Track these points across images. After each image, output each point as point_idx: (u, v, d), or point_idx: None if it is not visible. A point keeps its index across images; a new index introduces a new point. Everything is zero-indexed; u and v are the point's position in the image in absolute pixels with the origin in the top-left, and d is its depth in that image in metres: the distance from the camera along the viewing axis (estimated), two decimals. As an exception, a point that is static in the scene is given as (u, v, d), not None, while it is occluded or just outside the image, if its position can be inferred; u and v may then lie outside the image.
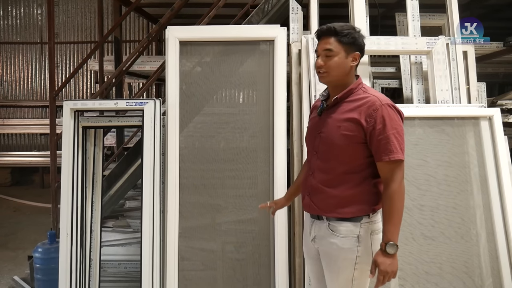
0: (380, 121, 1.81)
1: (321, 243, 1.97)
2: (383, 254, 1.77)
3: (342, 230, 1.89)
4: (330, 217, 1.92)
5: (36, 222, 5.67)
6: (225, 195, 3.01)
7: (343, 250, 1.88)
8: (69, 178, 2.87)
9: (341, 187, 1.90)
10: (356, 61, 1.93)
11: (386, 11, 5.13)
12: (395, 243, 1.76)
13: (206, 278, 2.97)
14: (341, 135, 1.87)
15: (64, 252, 2.82)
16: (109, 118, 3.08)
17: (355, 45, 1.90)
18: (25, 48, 9.26)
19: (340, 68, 1.90)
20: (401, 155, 1.80)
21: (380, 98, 1.86)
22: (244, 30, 3.15)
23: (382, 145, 1.81)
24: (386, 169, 1.82)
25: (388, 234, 1.78)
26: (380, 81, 3.85)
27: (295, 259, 2.91)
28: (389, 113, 1.82)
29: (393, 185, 1.80)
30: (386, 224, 1.80)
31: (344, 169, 1.90)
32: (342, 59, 1.90)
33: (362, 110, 1.85)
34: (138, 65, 5.03)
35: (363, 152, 1.87)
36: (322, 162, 1.96)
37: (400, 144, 1.81)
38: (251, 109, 3.09)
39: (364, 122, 1.83)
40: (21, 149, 9.07)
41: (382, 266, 1.76)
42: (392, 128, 1.80)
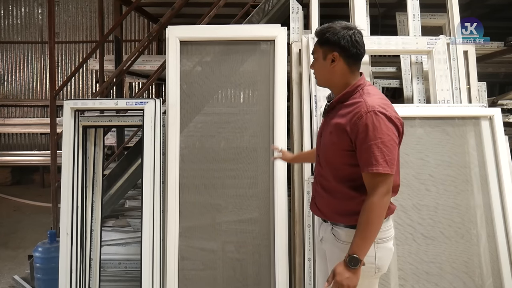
0: (363, 129, 1.69)
1: (327, 246, 1.95)
2: (344, 265, 1.69)
3: (343, 236, 1.84)
4: (333, 222, 1.90)
5: (37, 221, 5.67)
6: (225, 194, 3.00)
7: (341, 257, 1.80)
8: (69, 177, 2.87)
9: (337, 196, 1.86)
10: (336, 61, 1.81)
11: (386, 11, 5.13)
12: (358, 258, 1.67)
13: (206, 278, 2.97)
14: (331, 141, 1.83)
15: (64, 252, 2.82)
16: (110, 117, 3.08)
17: (330, 45, 1.81)
18: (25, 47, 9.26)
19: (321, 72, 1.86)
20: (382, 167, 1.66)
21: (368, 104, 1.72)
22: (244, 29, 3.15)
23: (363, 156, 1.70)
24: (367, 181, 1.72)
25: (354, 246, 1.69)
26: (380, 80, 3.86)
27: (295, 259, 2.91)
28: (373, 121, 1.68)
29: (372, 198, 1.68)
30: (356, 235, 1.70)
31: (337, 177, 1.84)
32: (320, 62, 1.85)
33: (349, 117, 1.75)
34: (138, 65, 5.02)
35: (351, 161, 1.77)
36: (321, 167, 1.94)
37: (385, 155, 1.67)
38: (251, 109, 3.09)
39: (349, 129, 1.74)
40: (21, 148, 9.06)
41: (338, 276, 1.68)
42: (374, 138, 1.67)
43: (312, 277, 2.80)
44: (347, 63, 1.83)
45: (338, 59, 1.81)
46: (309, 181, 2.87)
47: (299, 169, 2.96)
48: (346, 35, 1.80)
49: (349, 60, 1.83)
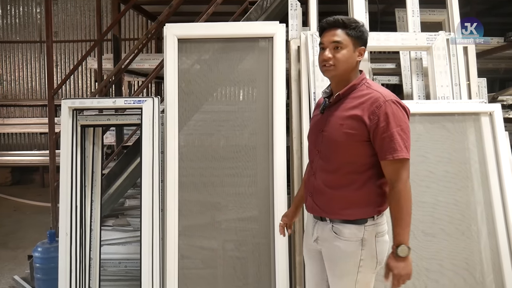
0: (384, 118, 1.73)
1: (324, 245, 1.92)
2: (395, 258, 1.72)
3: (346, 233, 1.83)
4: (333, 219, 1.87)
5: (37, 221, 5.67)
6: (224, 193, 2.99)
7: (346, 253, 1.83)
8: (68, 177, 2.86)
9: (345, 188, 1.83)
10: (362, 56, 1.87)
11: (385, 7, 5.11)
12: (406, 245, 1.71)
13: (206, 277, 2.96)
14: (343, 133, 1.81)
15: (63, 251, 2.82)
16: (108, 116, 3.07)
17: (362, 39, 1.85)
18: (24, 47, 9.24)
19: (347, 62, 1.83)
20: (405, 153, 1.72)
21: (384, 94, 1.78)
22: (243, 27, 3.13)
23: (386, 143, 1.73)
24: (391, 169, 1.75)
25: (398, 237, 1.72)
26: (380, 77, 3.85)
27: (296, 257, 2.90)
28: (393, 109, 1.74)
29: (399, 185, 1.73)
30: (395, 226, 1.73)
31: (348, 170, 1.82)
32: (350, 52, 1.83)
33: (365, 107, 1.78)
34: (137, 63, 5.02)
35: (366, 151, 1.80)
36: (324, 162, 1.90)
37: (405, 141, 1.73)
38: (250, 107, 3.08)
39: (367, 119, 1.76)
40: (21, 148, 9.06)
41: (395, 270, 1.71)
42: (396, 126, 1.73)
43: (312, 275, 2.79)
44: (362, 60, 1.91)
45: (363, 55, 1.88)
46: (309, 179, 2.86)
47: (298, 167, 2.95)
48: (367, 33, 1.90)
49: None
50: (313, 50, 2.94)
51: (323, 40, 1.87)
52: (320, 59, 1.87)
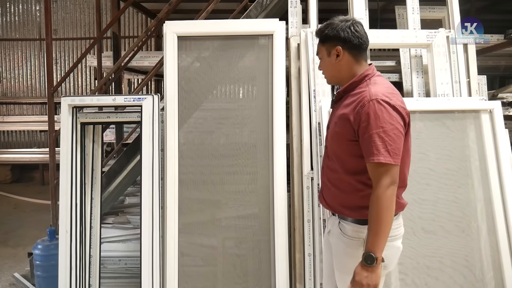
0: (365, 118, 1.66)
1: (333, 240, 1.94)
2: (361, 265, 1.65)
3: (349, 231, 1.82)
4: (340, 215, 1.87)
5: (37, 219, 5.67)
6: (224, 190, 2.99)
7: (347, 252, 1.82)
8: (68, 174, 2.86)
9: (343, 189, 1.83)
10: (340, 56, 1.80)
11: (385, 5, 5.10)
12: (374, 255, 1.61)
13: (206, 274, 2.96)
14: (335, 132, 1.82)
15: (63, 249, 2.82)
16: (108, 114, 3.07)
17: (331, 40, 1.81)
18: (24, 44, 9.23)
19: (329, 69, 1.85)
20: (384, 157, 1.62)
21: (371, 93, 1.69)
22: (242, 24, 3.13)
23: (365, 145, 1.67)
24: (371, 172, 1.68)
25: (368, 244, 1.64)
26: (380, 75, 3.83)
27: (296, 255, 2.90)
28: (375, 109, 1.65)
29: (377, 190, 1.64)
30: (368, 233, 1.66)
31: (344, 169, 1.81)
32: (326, 59, 1.85)
33: (353, 106, 1.73)
34: (137, 61, 5.01)
35: (356, 152, 1.73)
36: (328, 160, 1.91)
37: (387, 144, 1.62)
38: (250, 104, 3.08)
39: (352, 118, 1.71)
40: (21, 146, 9.06)
41: (357, 276, 1.64)
42: (376, 127, 1.63)
43: (312, 272, 2.79)
44: (351, 54, 1.82)
45: (342, 53, 1.81)
46: (309, 176, 2.86)
47: (298, 164, 2.95)
48: (344, 26, 1.80)
49: (353, 51, 1.82)
50: (313, 47, 2.93)
51: None
52: None
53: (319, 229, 2.73)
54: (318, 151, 2.79)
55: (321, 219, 2.73)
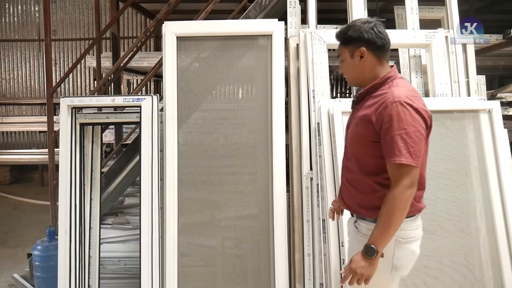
0: (388, 120, 1.67)
1: (349, 240, 1.97)
2: (361, 254, 1.68)
3: (364, 229, 1.82)
4: (357, 215, 1.88)
5: (36, 219, 5.67)
6: (224, 191, 3.00)
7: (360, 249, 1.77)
8: (67, 175, 2.86)
9: (360, 189, 1.84)
10: (365, 57, 1.81)
11: (384, 5, 5.10)
12: (375, 248, 1.64)
13: (206, 274, 2.97)
14: (356, 133, 1.82)
15: (63, 250, 2.82)
16: (107, 114, 3.07)
17: (354, 42, 1.81)
18: (23, 45, 9.23)
19: (352, 70, 1.86)
20: (405, 158, 1.63)
21: (394, 94, 1.70)
22: (242, 24, 3.13)
23: (387, 146, 1.68)
24: (391, 173, 1.69)
25: (372, 237, 1.68)
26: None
27: (295, 255, 2.90)
28: (398, 111, 1.66)
29: (394, 190, 1.66)
30: (376, 227, 1.68)
31: (363, 170, 1.82)
32: (349, 61, 1.85)
33: (375, 108, 1.74)
34: (136, 62, 5.02)
35: (377, 153, 1.75)
36: (347, 160, 1.93)
37: (409, 146, 1.64)
38: (249, 105, 3.08)
39: (374, 120, 1.72)
40: (20, 146, 9.05)
41: (353, 264, 1.67)
42: (399, 129, 1.65)
43: (311, 272, 2.80)
44: (375, 55, 1.83)
45: (366, 54, 1.81)
46: (308, 176, 2.86)
47: (298, 165, 2.95)
48: (368, 28, 1.80)
49: (377, 52, 1.83)
50: (312, 48, 2.94)
51: None
52: None
53: (318, 229, 2.73)
54: (317, 151, 2.79)
55: (320, 219, 2.73)
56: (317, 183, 2.80)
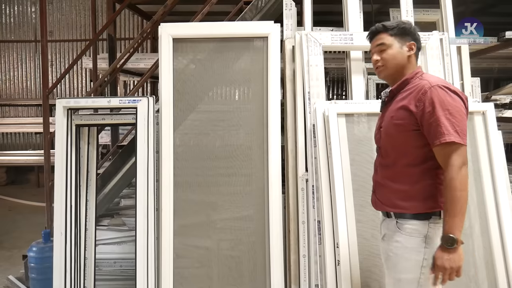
0: (429, 103, 1.71)
1: (388, 242, 1.89)
2: (441, 248, 1.65)
3: (408, 228, 1.78)
4: (396, 213, 1.84)
5: (32, 221, 5.66)
6: (220, 192, 3.00)
7: (407, 250, 1.77)
8: (63, 176, 2.86)
9: (403, 181, 1.82)
10: (413, 50, 1.90)
11: (380, 7, 5.13)
12: (454, 236, 1.62)
13: (201, 276, 2.97)
14: (394, 125, 1.83)
15: (58, 251, 2.82)
16: (103, 116, 3.07)
17: (407, 35, 1.90)
18: (19, 46, 9.22)
19: (396, 58, 1.88)
20: (454, 137, 1.67)
21: (431, 81, 1.77)
22: (238, 26, 3.14)
23: (433, 129, 1.70)
24: (441, 155, 1.71)
25: (446, 226, 1.65)
26: (374, 77, 3.86)
27: (291, 256, 2.91)
28: (439, 94, 1.71)
29: (450, 172, 1.67)
30: (445, 215, 1.67)
31: (404, 162, 1.81)
32: (396, 49, 1.88)
33: (412, 96, 1.78)
34: (132, 63, 5.02)
35: (419, 141, 1.77)
36: (383, 158, 1.92)
37: (455, 125, 1.68)
38: (245, 106, 3.08)
39: (413, 107, 1.75)
40: (16, 148, 9.04)
41: (438, 260, 1.64)
42: (442, 109, 1.69)
43: (307, 273, 2.81)
44: (416, 55, 1.94)
45: (414, 49, 1.91)
46: (303, 178, 2.87)
47: (293, 166, 2.96)
48: (416, 30, 1.95)
49: (417, 52, 1.95)
50: (308, 50, 2.95)
51: (371, 49, 1.96)
52: (372, 64, 1.95)
53: (314, 231, 2.75)
54: (312, 153, 2.81)
55: (315, 220, 2.74)
56: (313, 184, 2.81)
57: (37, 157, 8.07)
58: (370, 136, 2.79)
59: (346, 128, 2.76)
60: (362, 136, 2.76)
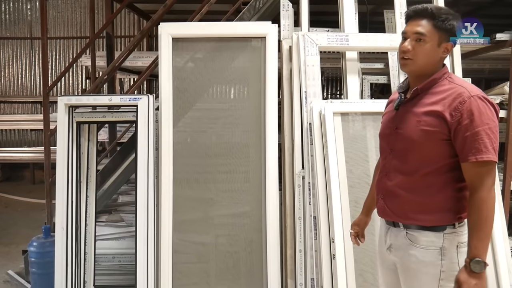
0: (468, 115, 1.55)
1: (398, 255, 1.76)
2: (467, 272, 1.53)
3: (422, 241, 1.67)
4: (408, 224, 1.71)
5: (28, 217, 5.68)
6: (217, 189, 3.06)
7: (423, 264, 1.66)
8: (64, 172, 2.91)
9: (421, 191, 1.68)
10: (447, 53, 1.68)
11: (375, 8, 5.20)
12: (482, 260, 1.52)
13: (199, 270, 3.03)
14: (420, 130, 1.65)
15: (60, 246, 2.87)
16: (103, 113, 3.13)
17: (451, 34, 1.67)
18: (14, 43, 9.20)
19: (428, 57, 1.66)
20: (492, 155, 1.54)
21: (469, 89, 1.60)
22: (236, 27, 3.20)
23: (469, 143, 1.55)
24: (473, 172, 1.57)
25: (474, 249, 1.53)
26: (369, 76, 3.93)
27: (287, 251, 2.98)
28: (479, 105, 1.56)
29: (481, 192, 1.54)
30: (472, 237, 1.55)
31: (425, 171, 1.66)
32: (433, 47, 1.65)
33: (446, 103, 1.61)
34: (130, 61, 5.06)
35: (446, 151, 1.63)
36: (399, 162, 1.74)
37: (493, 142, 1.55)
38: (243, 105, 3.15)
39: (448, 116, 1.59)
40: (11, 145, 9.02)
41: (465, 286, 1.52)
42: (482, 124, 1.54)
43: (303, 268, 2.88)
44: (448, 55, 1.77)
45: (449, 52, 1.70)
46: (300, 175, 2.94)
47: (290, 163, 3.03)
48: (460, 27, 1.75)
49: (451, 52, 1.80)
50: (304, 50, 3.01)
51: (406, 29, 1.69)
52: (400, 49, 1.70)
53: (310, 226, 2.82)
54: (309, 150, 2.88)
55: (311, 216, 2.81)
56: (309, 181, 2.87)
57: (32, 154, 8.07)
58: (364, 134, 2.87)
59: (342, 126, 2.82)
60: (357, 134, 2.84)
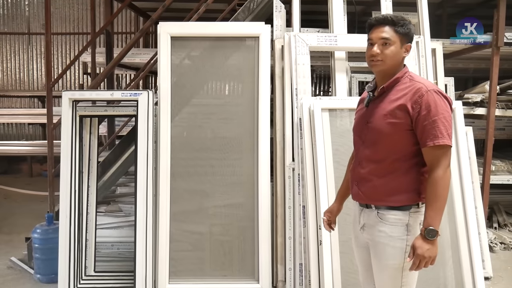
0: (426, 106, 1.79)
1: (370, 232, 1.95)
2: (422, 239, 1.75)
3: (391, 218, 1.87)
4: (379, 205, 1.91)
5: (28, 208, 5.81)
6: (212, 181, 3.21)
7: (391, 239, 1.86)
8: (68, 163, 3.05)
9: (390, 176, 1.89)
10: (408, 53, 1.93)
11: (363, 9, 5.37)
12: (435, 229, 1.74)
13: (195, 258, 3.18)
14: (388, 123, 1.87)
15: (63, 233, 3.01)
16: (105, 107, 3.28)
17: (409, 36, 1.91)
18: (12, 38, 9.28)
19: (394, 58, 1.88)
20: (447, 140, 1.78)
21: (426, 85, 1.84)
22: (231, 27, 3.36)
23: (427, 130, 1.79)
24: (431, 155, 1.80)
25: (429, 219, 1.75)
26: (357, 75, 4.11)
27: (277, 239, 3.16)
28: (435, 98, 1.80)
29: (438, 171, 1.77)
30: (427, 209, 1.77)
31: (393, 158, 1.88)
32: (397, 48, 1.88)
33: (408, 97, 1.83)
34: (128, 58, 5.20)
35: (410, 140, 1.85)
36: (370, 152, 1.94)
37: (447, 129, 1.79)
38: (237, 101, 3.30)
39: (410, 108, 1.82)
40: (9, 138, 9.11)
41: (419, 250, 1.74)
42: (438, 114, 1.78)
43: (292, 254, 3.05)
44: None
45: (409, 52, 1.94)
46: (290, 167, 3.12)
47: (281, 156, 3.21)
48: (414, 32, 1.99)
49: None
50: (296, 49, 3.19)
51: (371, 36, 1.91)
52: (368, 54, 1.92)
53: (299, 215, 3.00)
54: (299, 144, 3.06)
55: (300, 205, 3.00)
56: (298, 173, 3.05)
57: (30, 147, 8.15)
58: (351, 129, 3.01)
59: (330, 121, 2.99)
60: (344, 129, 3.00)
